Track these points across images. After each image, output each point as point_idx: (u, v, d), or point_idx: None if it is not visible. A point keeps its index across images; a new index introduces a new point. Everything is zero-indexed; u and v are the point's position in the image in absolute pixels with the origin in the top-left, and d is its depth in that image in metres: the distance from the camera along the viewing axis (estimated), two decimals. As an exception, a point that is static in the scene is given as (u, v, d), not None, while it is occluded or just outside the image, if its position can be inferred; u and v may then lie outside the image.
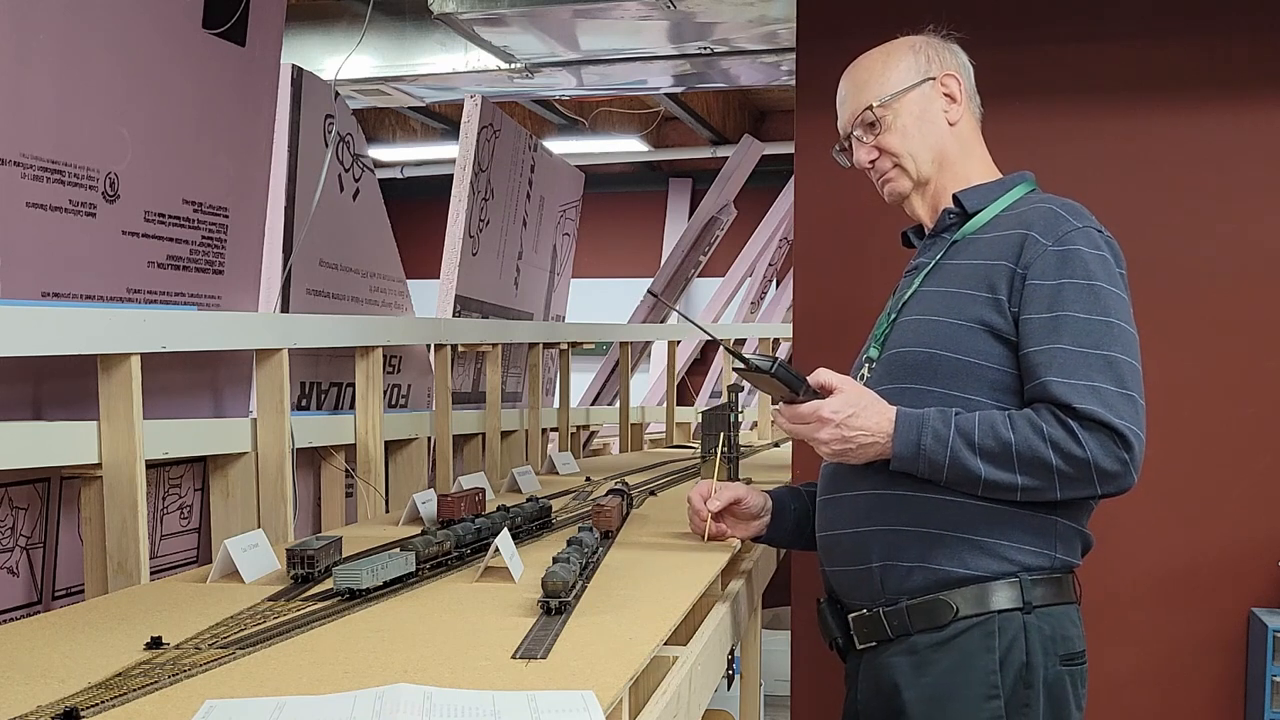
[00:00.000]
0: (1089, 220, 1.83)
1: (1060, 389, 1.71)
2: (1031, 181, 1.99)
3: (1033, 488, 1.73)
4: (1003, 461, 1.73)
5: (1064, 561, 1.81)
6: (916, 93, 1.95)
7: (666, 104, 7.86)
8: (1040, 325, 1.75)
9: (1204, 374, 3.05)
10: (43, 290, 2.12)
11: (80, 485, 2.11)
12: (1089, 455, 1.69)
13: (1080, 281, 1.76)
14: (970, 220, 1.92)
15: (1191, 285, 3.05)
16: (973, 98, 1.99)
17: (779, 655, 3.67)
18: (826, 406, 1.83)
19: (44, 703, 1.25)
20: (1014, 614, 1.76)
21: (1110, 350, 1.73)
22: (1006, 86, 3.08)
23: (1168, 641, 3.09)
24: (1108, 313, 1.75)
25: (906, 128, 1.97)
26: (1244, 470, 3.04)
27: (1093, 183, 3.03)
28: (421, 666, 1.38)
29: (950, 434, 1.75)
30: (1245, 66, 2.99)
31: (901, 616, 1.81)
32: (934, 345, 1.83)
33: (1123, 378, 1.72)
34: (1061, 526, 1.80)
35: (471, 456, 3.73)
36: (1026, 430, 1.72)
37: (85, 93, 2.17)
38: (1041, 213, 1.84)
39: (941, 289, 1.87)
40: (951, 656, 1.78)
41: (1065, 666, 1.78)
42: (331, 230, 3.09)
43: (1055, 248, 1.78)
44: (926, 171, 1.97)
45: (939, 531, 1.79)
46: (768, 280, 8.64)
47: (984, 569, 1.77)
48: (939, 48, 1.99)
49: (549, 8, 4.06)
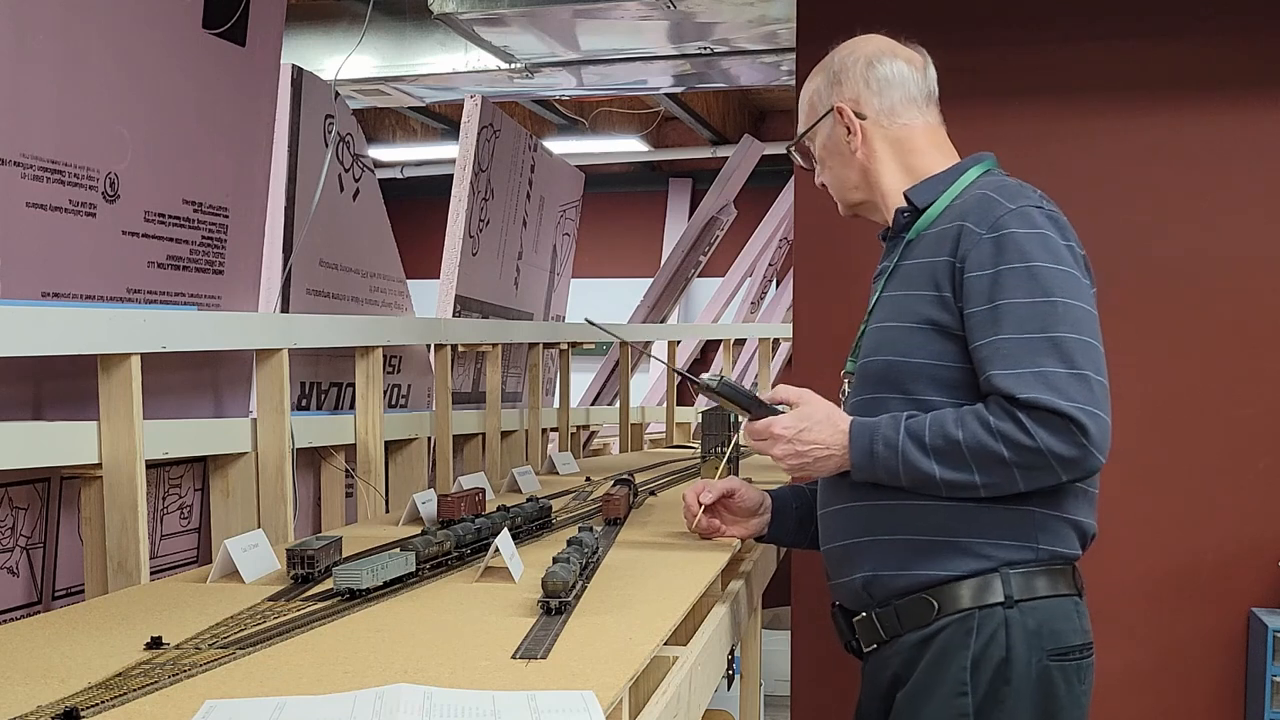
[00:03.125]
0: (1026, 199, 1.78)
1: (1004, 381, 1.68)
2: (988, 162, 1.94)
3: (992, 483, 1.71)
4: (955, 460, 1.71)
5: (1050, 553, 1.77)
6: (823, 126, 1.95)
7: (666, 104, 7.86)
8: (981, 318, 1.72)
9: (1204, 374, 3.05)
10: (43, 290, 2.12)
11: (80, 485, 2.11)
12: (1039, 444, 1.66)
13: (1017, 266, 1.71)
14: (922, 216, 1.88)
15: (1192, 286, 3.05)
16: (904, 106, 1.91)
17: (779, 655, 3.67)
18: (778, 423, 1.85)
19: (44, 703, 1.25)
20: (995, 609, 1.74)
21: (1056, 330, 1.68)
22: (1007, 86, 3.08)
23: (1168, 641, 3.09)
24: (1049, 292, 1.70)
25: (824, 160, 1.99)
26: (1244, 470, 3.05)
27: (1094, 183, 3.03)
28: (421, 666, 1.38)
29: (900, 438, 1.74)
30: (1249, 66, 2.99)
31: (892, 618, 1.82)
32: (890, 352, 1.82)
33: (1071, 357, 1.68)
34: (1040, 517, 1.76)
35: (471, 456, 3.73)
36: (974, 426, 1.70)
37: (85, 92, 2.17)
38: (976, 200, 1.80)
39: (896, 293, 1.85)
40: (933, 653, 1.77)
41: (1055, 661, 1.75)
42: (331, 230, 3.08)
43: (989, 235, 1.74)
44: (854, 197, 1.97)
45: (920, 538, 1.78)
46: (768, 280, 8.63)
47: (965, 569, 1.76)
48: (848, 67, 1.94)
49: (549, 8, 4.06)
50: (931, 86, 1.96)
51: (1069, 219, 1.83)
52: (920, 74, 1.94)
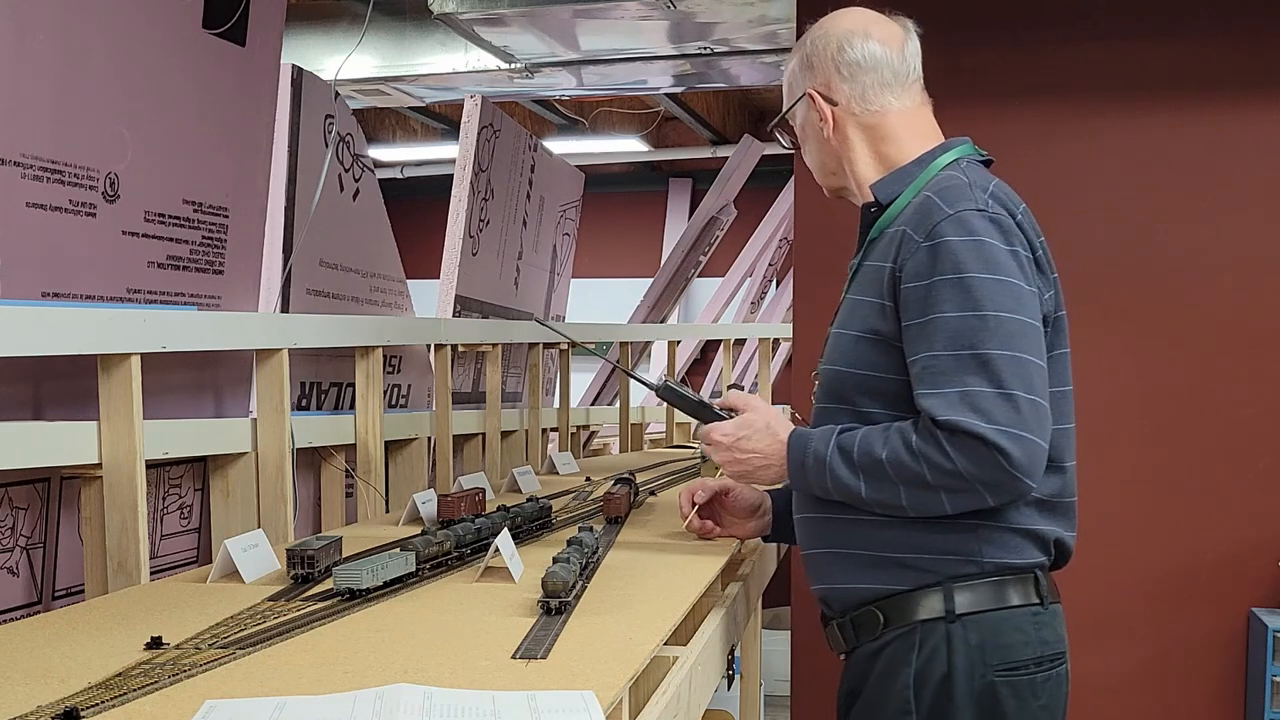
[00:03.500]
0: (969, 201, 1.66)
1: (928, 401, 1.61)
2: (958, 150, 1.81)
3: (917, 504, 1.65)
4: (880, 478, 1.66)
5: (997, 564, 1.69)
6: (800, 107, 1.88)
7: (666, 104, 7.86)
8: (915, 332, 1.65)
9: (1204, 375, 3.05)
10: (43, 290, 2.12)
11: (80, 485, 2.11)
12: (959, 468, 1.59)
13: (949, 277, 1.62)
14: (885, 212, 1.79)
15: (1192, 285, 3.05)
16: (877, 91, 1.80)
17: (779, 655, 3.67)
18: (719, 429, 1.84)
19: (44, 703, 1.25)
20: (937, 623, 1.68)
21: (985, 348, 1.59)
22: (1006, 86, 3.08)
23: (1168, 641, 3.09)
24: (980, 306, 1.60)
25: (804, 142, 1.92)
26: (1244, 470, 3.05)
27: (1094, 183, 3.03)
28: (421, 666, 1.38)
29: (829, 452, 1.70)
30: (1249, 66, 2.99)
31: (849, 629, 1.79)
32: (840, 362, 1.76)
33: (999, 377, 1.59)
34: (985, 530, 1.69)
35: (471, 456, 3.73)
36: (897, 444, 1.64)
37: (85, 92, 2.17)
38: (919, 203, 1.71)
39: (855, 296, 1.78)
40: (880, 666, 1.74)
41: (1003, 676, 1.67)
42: (331, 230, 3.08)
43: (926, 243, 1.65)
44: (833, 182, 1.91)
45: (865, 552, 1.74)
46: (768, 280, 8.64)
47: (909, 582, 1.71)
48: (819, 50, 1.84)
49: (549, 8, 4.06)
50: (911, 65, 1.83)
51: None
52: (897, 53, 1.82)
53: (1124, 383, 3.12)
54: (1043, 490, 1.68)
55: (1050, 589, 1.75)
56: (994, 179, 1.75)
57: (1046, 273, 1.73)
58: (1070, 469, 1.78)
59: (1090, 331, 3.04)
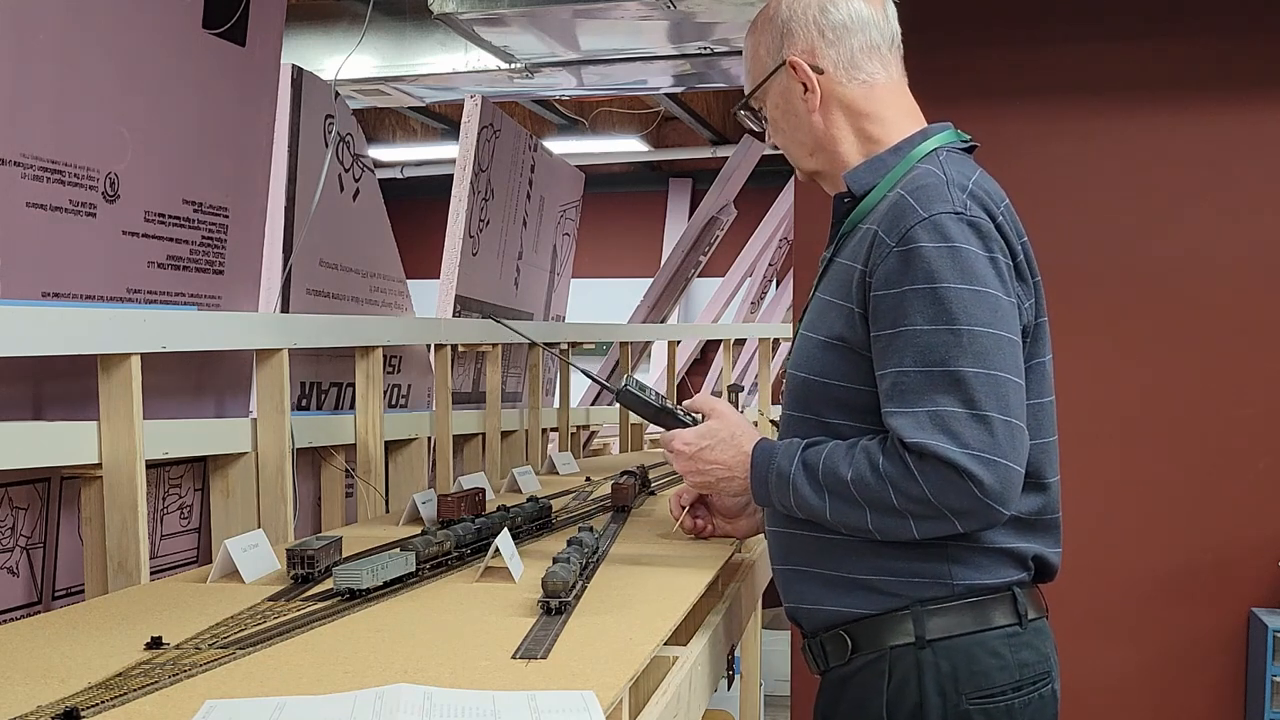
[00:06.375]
0: (944, 203, 1.54)
1: (896, 421, 1.51)
2: (940, 137, 1.69)
3: (885, 528, 1.56)
4: (845, 499, 1.56)
5: (969, 586, 1.60)
6: (774, 83, 1.72)
7: (666, 104, 7.86)
8: (885, 344, 1.54)
9: (1204, 375, 3.06)
10: (43, 290, 2.12)
11: (80, 485, 2.11)
12: (927, 494, 1.49)
13: (921, 287, 1.51)
14: (860, 204, 1.67)
15: (1192, 285, 3.05)
16: (865, 56, 1.68)
17: (779, 655, 3.67)
18: (681, 437, 1.76)
19: (44, 703, 1.25)
20: (907, 649, 1.59)
21: (958, 365, 1.49)
22: (1007, 86, 3.08)
23: (1167, 641, 3.10)
24: (954, 320, 1.49)
25: (776, 122, 1.76)
26: (1244, 470, 3.05)
27: (1094, 183, 3.03)
28: (421, 666, 1.38)
29: (793, 469, 1.61)
30: (1249, 66, 2.99)
31: (819, 650, 1.70)
32: (806, 369, 1.66)
33: (973, 397, 1.48)
34: (954, 550, 1.59)
35: (471, 456, 3.73)
36: (863, 465, 1.54)
37: (85, 92, 2.17)
38: (893, 201, 1.58)
39: (824, 296, 1.67)
40: (851, 694, 1.65)
41: (978, 704, 1.58)
42: (331, 230, 3.08)
43: (898, 248, 1.53)
44: (810, 165, 1.76)
45: (831, 573, 1.65)
46: (768, 280, 8.64)
47: (877, 606, 1.62)
48: (798, 14, 1.68)
49: (549, 8, 4.06)
50: (894, 29, 1.71)
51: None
52: (881, 13, 1.69)
53: (1124, 383, 3.12)
54: (1022, 509, 1.60)
55: (1032, 605, 1.65)
56: (975, 172, 1.63)
57: (1028, 278, 1.62)
58: (1053, 484, 1.67)
59: (1089, 332, 3.04)
